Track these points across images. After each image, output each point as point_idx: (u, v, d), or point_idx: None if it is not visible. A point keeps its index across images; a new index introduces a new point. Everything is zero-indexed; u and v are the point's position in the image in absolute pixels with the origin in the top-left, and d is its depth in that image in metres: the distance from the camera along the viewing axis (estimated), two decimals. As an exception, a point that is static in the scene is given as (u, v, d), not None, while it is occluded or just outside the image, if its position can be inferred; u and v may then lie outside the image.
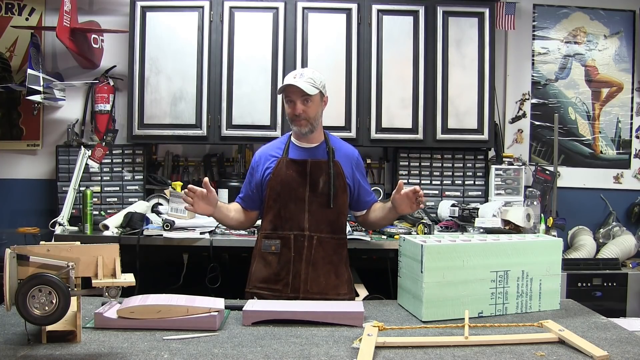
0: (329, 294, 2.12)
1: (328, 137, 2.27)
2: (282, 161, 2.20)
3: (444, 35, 3.49)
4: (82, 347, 1.38)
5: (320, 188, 2.16)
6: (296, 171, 2.17)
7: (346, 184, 2.21)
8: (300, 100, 2.12)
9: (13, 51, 3.69)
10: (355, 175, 2.26)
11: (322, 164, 2.19)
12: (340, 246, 2.24)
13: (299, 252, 2.14)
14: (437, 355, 1.37)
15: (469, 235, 1.93)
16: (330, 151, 2.21)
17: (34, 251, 1.34)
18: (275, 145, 2.28)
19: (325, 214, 2.17)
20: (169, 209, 3.17)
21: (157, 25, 3.40)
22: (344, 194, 2.20)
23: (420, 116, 3.47)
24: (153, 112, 3.41)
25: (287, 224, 2.16)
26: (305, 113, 2.13)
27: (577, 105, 3.98)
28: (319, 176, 2.17)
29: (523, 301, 1.79)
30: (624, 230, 3.74)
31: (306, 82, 2.11)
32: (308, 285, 2.12)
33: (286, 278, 2.13)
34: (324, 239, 2.17)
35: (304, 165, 2.18)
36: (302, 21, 3.42)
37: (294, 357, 1.34)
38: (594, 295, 3.23)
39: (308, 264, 2.13)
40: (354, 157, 2.29)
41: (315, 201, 2.16)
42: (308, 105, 2.13)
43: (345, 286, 2.23)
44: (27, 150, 3.72)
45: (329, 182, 2.16)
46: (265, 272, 2.17)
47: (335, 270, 2.19)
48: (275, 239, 2.17)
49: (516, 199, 3.53)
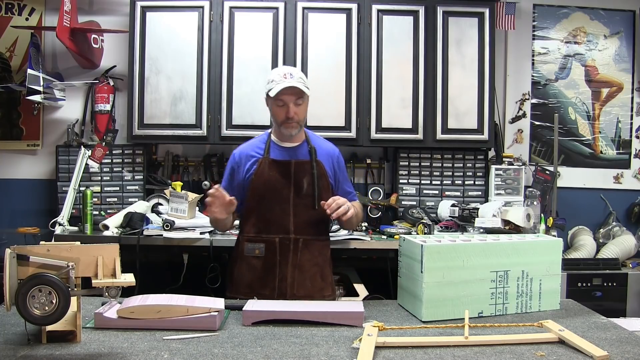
0: (314, 297, 2.09)
1: (308, 135, 2.21)
2: (264, 162, 2.11)
3: (444, 35, 3.49)
4: (82, 347, 1.38)
5: (305, 189, 2.10)
6: (280, 172, 2.10)
7: (329, 184, 2.17)
8: (293, 103, 2.04)
9: (13, 51, 3.69)
10: (337, 174, 2.21)
11: (306, 164, 2.12)
12: (324, 247, 2.20)
13: (285, 255, 2.09)
14: (437, 355, 1.37)
15: (469, 235, 1.93)
16: (312, 151, 2.15)
17: (34, 251, 1.34)
18: (254, 145, 2.19)
19: (310, 216, 2.12)
20: (169, 209, 3.17)
21: (157, 25, 3.40)
22: (327, 195, 2.13)
23: (420, 116, 3.47)
24: (153, 112, 3.41)
25: (272, 227, 2.09)
26: (297, 115, 2.06)
27: (577, 105, 3.98)
28: (303, 177, 2.11)
29: (523, 301, 1.79)
30: (624, 230, 3.74)
31: (299, 82, 2.04)
32: (295, 289, 2.08)
33: (272, 282, 2.08)
34: (309, 241, 2.12)
35: (287, 166, 2.11)
36: (302, 21, 3.42)
37: (294, 357, 1.34)
38: (594, 295, 3.23)
39: (294, 268, 2.09)
40: (335, 155, 2.23)
41: (300, 203, 2.10)
42: (300, 107, 2.07)
43: (329, 288, 2.21)
44: (27, 150, 3.72)
45: (313, 183, 2.10)
46: (249, 276, 2.11)
47: (321, 272, 2.16)
48: (259, 242, 2.10)
49: (516, 199, 3.53)
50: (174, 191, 3.16)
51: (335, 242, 3.03)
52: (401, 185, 3.66)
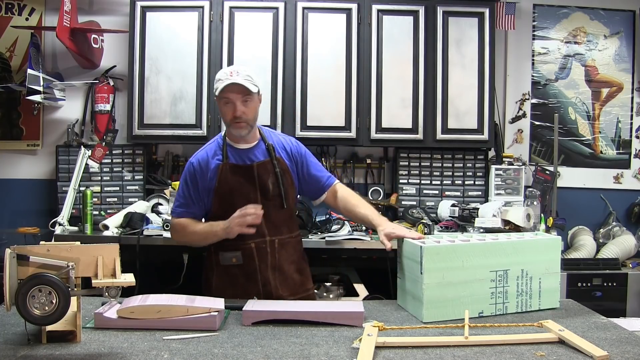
0: (299, 293, 2.10)
1: (264, 133, 2.14)
2: (224, 167, 2.04)
3: (444, 35, 3.49)
4: (82, 347, 1.38)
5: (271, 190, 2.06)
6: (243, 176, 2.04)
7: (292, 180, 2.12)
8: (240, 101, 1.98)
9: (13, 51, 3.69)
10: (298, 163, 2.14)
11: (267, 164, 2.07)
12: (297, 243, 2.19)
13: (264, 259, 2.05)
14: (437, 355, 1.37)
15: (468, 235, 1.93)
16: (270, 148, 2.09)
17: (34, 251, 1.34)
18: (211, 150, 2.10)
19: (280, 215, 2.09)
20: (169, 209, 3.17)
21: (157, 25, 3.40)
22: (292, 191, 2.11)
23: (420, 116, 3.47)
24: (153, 112, 3.41)
25: (245, 234, 1.98)
26: (245, 114, 1.99)
27: (577, 105, 3.98)
28: (267, 178, 2.06)
29: (523, 300, 1.79)
30: (624, 230, 3.74)
31: (245, 79, 1.96)
32: (279, 290, 2.06)
33: (256, 288, 2.04)
34: (284, 240, 2.10)
35: (250, 170, 2.05)
36: (302, 21, 3.42)
37: (294, 357, 1.34)
38: (594, 295, 3.23)
39: (275, 270, 2.06)
40: (289, 145, 2.16)
41: (269, 204, 2.04)
42: (248, 105, 1.99)
43: (309, 280, 2.20)
44: (27, 150, 3.72)
45: (278, 182, 2.06)
46: (231, 289, 2.03)
47: (297, 267, 2.14)
48: (235, 250, 2.04)
49: (516, 199, 3.52)
50: (174, 191, 3.16)
51: (335, 242, 3.03)
52: (401, 185, 3.66)
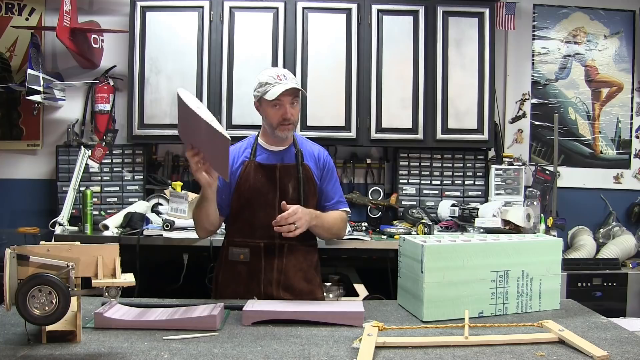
0: (303, 299, 2.04)
1: (296, 139, 2.16)
2: (249, 165, 2.06)
3: (444, 35, 3.49)
4: (82, 347, 1.38)
5: (290, 194, 2.04)
6: (265, 176, 2.05)
7: (316, 188, 2.11)
8: (289, 104, 2.01)
9: (13, 51, 3.69)
10: (322, 175, 2.15)
11: (291, 168, 2.07)
12: (310, 252, 2.15)
13: (270, 260, 2.04)
14: (437, 355, 1.37)
15: (469, 235, 1.93)
16: (299, 154, 2.10)
17: (34, 251, 1.34)
18: (242, 146, 2.13)
19: None
20: (169, 209, 3.17)
21: (157, 25, 3.40)
22: (313, 199, 2.09)
23: (420, 116, 3.47)
24: (153, 112, 3.41)
25: (256, 232, 2.03)
26: (293, 116, 2.02)
27: (577, 105, 3.98)
28: (288, 181, 2.05)
29: (523, 301, 1.79)
30: (624, 230, 3.74)
31: (295, 83, 2.01)
32: (281, 294, 2.03)
33: (257, 288, 2.03)
34: (295, 246, 2.06)
35: (272, 170, 2.06)
36: (302, 21, 3.42)
37: (294, 357, 1.34)
38: (594, 295, 3.23)
39: (279, 273, 2.05)
40: (322, 156, 2.17)
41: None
42: (295, 107, 2.03)
43: (318, 290, 2.16)
44: (27, 150, 3.72)
45: (299, 187, 2.05)
46: (233, 285, 2.05)
47: (305, 276, 2.10)
48: (244, 247, 2.05)
49: (516, 199, 3.53)
50: (174, 191, 3.16)
51: (335, 242, 3.03)
52: (401, 185, 3.66)
